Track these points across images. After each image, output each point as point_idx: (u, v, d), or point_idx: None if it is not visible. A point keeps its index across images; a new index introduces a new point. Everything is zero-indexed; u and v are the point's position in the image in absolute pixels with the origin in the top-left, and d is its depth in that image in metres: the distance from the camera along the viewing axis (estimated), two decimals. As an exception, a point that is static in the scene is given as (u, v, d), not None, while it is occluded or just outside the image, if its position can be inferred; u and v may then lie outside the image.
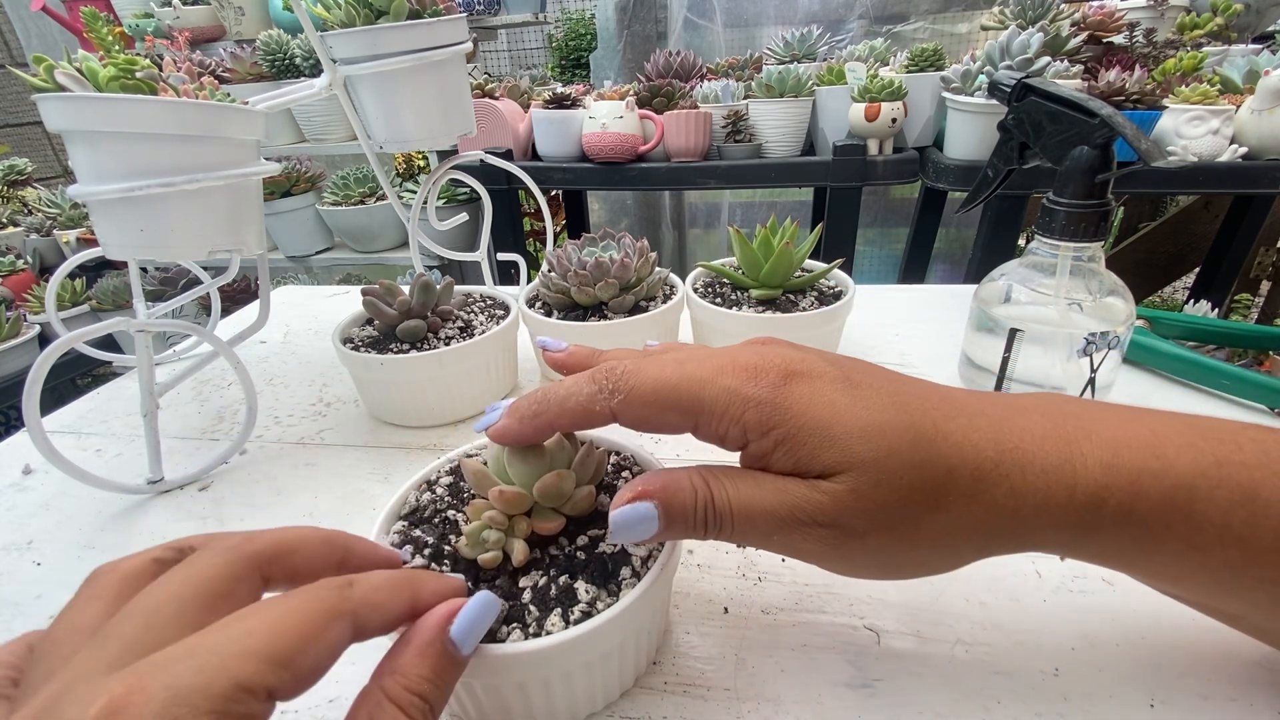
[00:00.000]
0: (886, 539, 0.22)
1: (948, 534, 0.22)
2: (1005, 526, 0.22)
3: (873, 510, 0.22)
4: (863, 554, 0.22)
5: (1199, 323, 0.54)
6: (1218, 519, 0.21)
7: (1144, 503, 0.21)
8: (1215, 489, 0.21)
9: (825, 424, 0.22)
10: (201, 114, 0.37)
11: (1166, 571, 0.23)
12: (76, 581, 0.20)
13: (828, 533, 0.22)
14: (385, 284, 0.49)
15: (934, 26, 1.72)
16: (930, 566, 0.23)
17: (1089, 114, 0.37)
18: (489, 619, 0.21)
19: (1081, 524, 0.22)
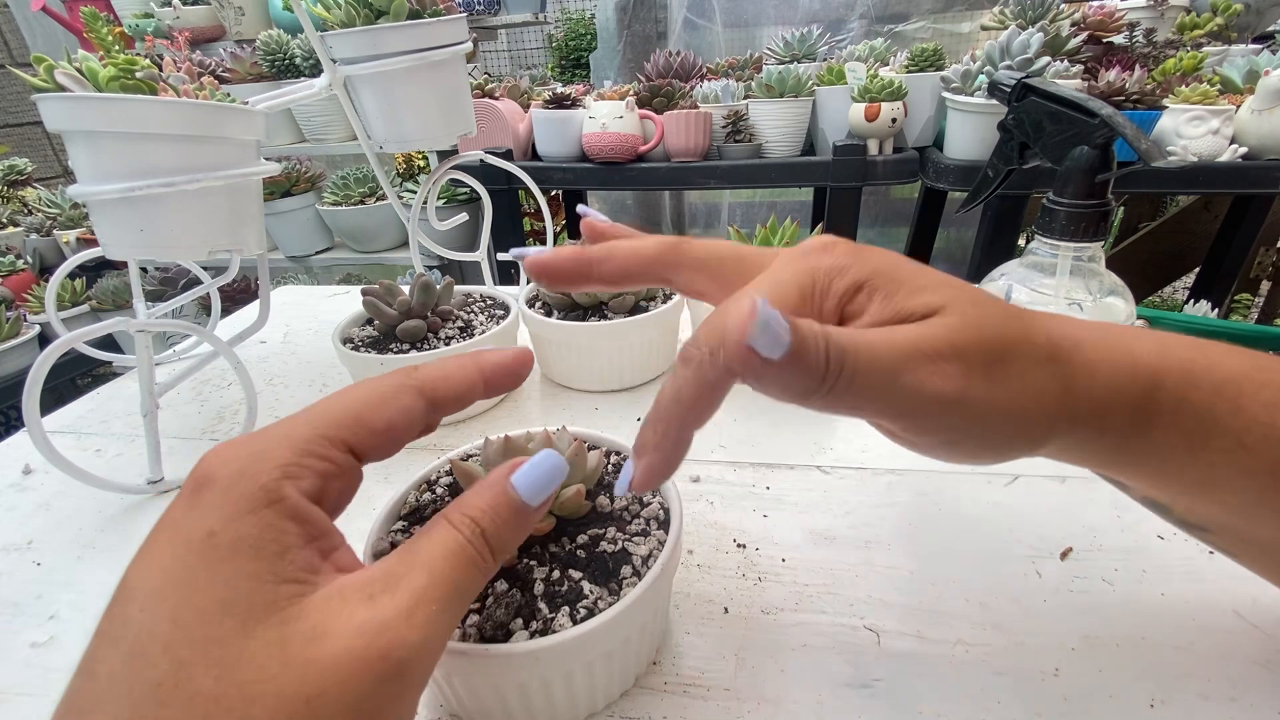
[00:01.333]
0: (1004, 382, 0.21)
1: (1047, 388, 0.21)
2: (1086, 393, 0.22)
3: (990, 344, 0.21)
4: (987, 405, 0.21)
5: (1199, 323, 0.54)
6: (1264, 416, 0.21)
7: (1196, 392, 0.22)
8: (1260, 388, 0.22)
9: (911, 274, 0.22)
10: (201, 114, 0.37)
11: (1214, 475, 0.22)
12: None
13: (954, 367, 0.20)
14: (385, 284, 0.49)
15: (935, 26, 1.72)
16: (1034, 426, 0.22)
17: (1089, 114, 0.37)
18: (551, 474, 0.21)
19: (1143, 405, 0.22)
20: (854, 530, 0.36)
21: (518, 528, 0.21)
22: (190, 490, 0.18)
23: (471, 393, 0.23)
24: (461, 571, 0.19)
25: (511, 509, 0.21)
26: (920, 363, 0.20)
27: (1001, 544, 0.35)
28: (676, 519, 0.27)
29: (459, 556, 0.19)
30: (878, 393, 0.20)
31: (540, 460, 0.21)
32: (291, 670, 0.16)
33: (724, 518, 0.38)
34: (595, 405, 0.50)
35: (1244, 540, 0.25)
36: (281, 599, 0.17)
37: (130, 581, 0.17)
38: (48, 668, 0.31)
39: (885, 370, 0.19)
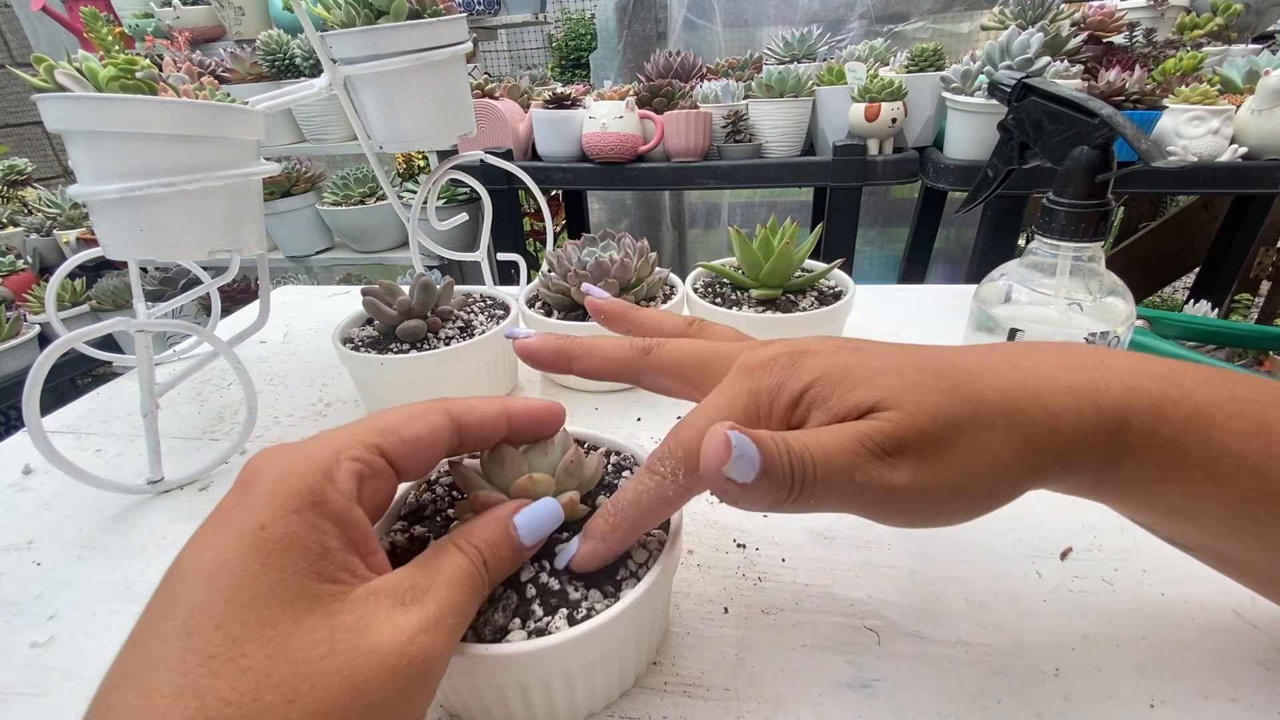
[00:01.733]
0: (952, 461, 0.22)
1: (1002, 451, 0.22)
2: (1048, 445, 0.22)
3: (929, 430, 0.22)
4: (941, 486, 0.22)
5: (1199, 323, 0.54)
6: (1235, 448, 0.22)
7: (1166, 426, 0.22)
8: (1231, 419, 0.22)
9: (847, 371, 0.23)
10: (201, 114, 0.37)
11: (1186, 503, 0.23)
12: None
13: (906, 462, 0.21)
14: (385, 284, 0.49)
15: (935, 26, 1.72)
16: (997, 491, 0.23)
17: (1089, 114, 0.37)
18: (548, 521, 0.24)
19: (1111, 444, 0.22)
20: (854, 530, 0.36)
21: (511, 563, 0.24)
22: (240, 486, 0.20)
23: (495, 425, 0.25)
24: (470, 592, 0.21)
25: (510, 546, 0.23)
26: (868, 460, 0.21)
27: (1001, 544, 0.35)
28: (676, 519, 0.27)
29: (470, 579, 0.21)
30: (837, 494, 0.21)
31: (540, 507, 0.24)
32: (340, 655, 0.17)
33: (724, 518, 0.38)
34: (595, 405, 0.50)
35: (1224, 559, 0.26)
36: (325, 595, 0.18)
37: (183, 563, 0.19)
38: (47, 668, 0.31)
39: (840, 472, 0.21)
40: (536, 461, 0.27)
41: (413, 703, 0.19)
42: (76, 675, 0.31)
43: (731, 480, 0.20)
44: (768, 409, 0.23)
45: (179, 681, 0.16)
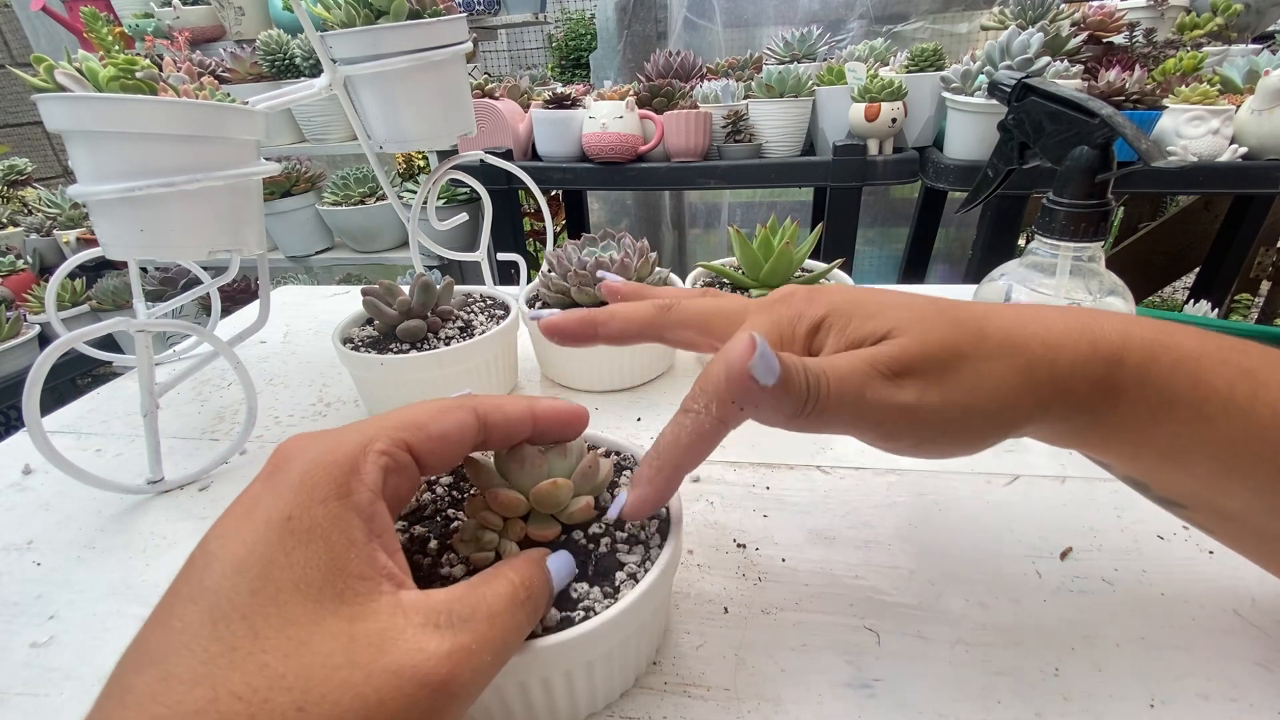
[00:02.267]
0: (957, 384, 0.23)
1: (1003, 382, 0.24)
2: (1048, 377, 0.24)
3: (935, 354, 0.23)
4: (945, 406, 0.23)
5: (1199, 323, 0.54)
6: (1223, 389, 0.23)
7: (1158, 367, 0.24)
8: (1220, 365, 0.23)
9: (860, 303, 0.25)
10: (201, 114, 0.37)
11: (1178, 445, 0.24)
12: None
13: (908, 380, 0.23)
14: (385, 284, 0.49)
15: (934, 26, 1.72)
16: (1000, 417, 0.24)
17: (1089, 114, 0.37)
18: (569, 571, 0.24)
19: (1106, 381, 0.24)
20: (854, 530, 0.36)
21: (544, 605, 0.23)
22: (268, 472, 0.20)
23: (521, 425, 0.25)
24: (511, 629, 0.20)
25: (546, 587, 0.23)
26: (878, 380, 0.23)
27: (1001, 544, 0.35)
28: (677, 519, 0.27)
29: (519, 611, 0.21)
30: (848, 409, 0.23)
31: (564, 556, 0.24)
32: (357, 669, 0.17)
33: (724, 518, 0.38)
34: (595, 405, 0.50)
35: (1218, 514, 0.26)
36: (349, 594, 0.18)
37: (210, 548, 0.18)
38: (48, 668, 0.31)
39: (852, 390, 0.23)
40: (555, 464, 0.27)
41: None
42: (76, 675, 0.31)
43: (754, 381, 0.21)
44: (790, 336, 0.25)
45: (198, 669, 0.16)
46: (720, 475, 0.41)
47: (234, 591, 0.17)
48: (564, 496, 0.26)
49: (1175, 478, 0.25)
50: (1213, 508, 0.26)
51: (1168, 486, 0.26)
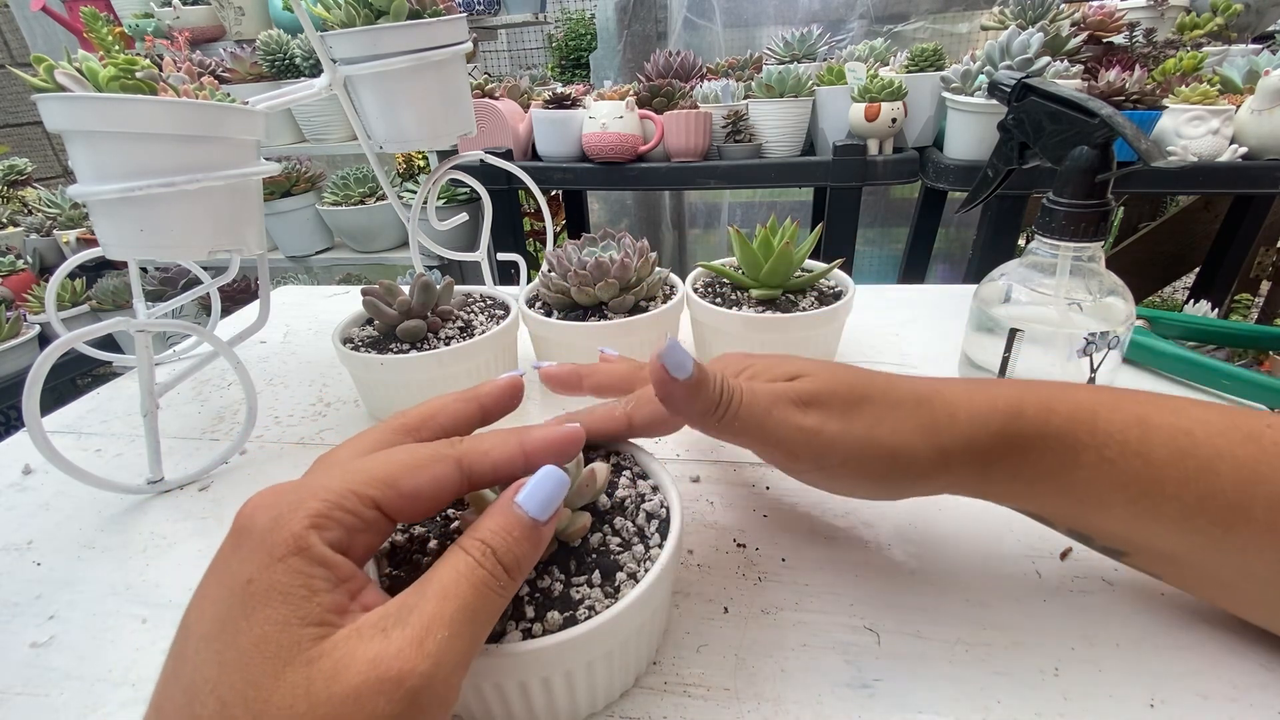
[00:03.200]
0: (857, 419, 0.26)
1: (904, 426, 0.26)
2: (947, 429, 0.27)
3: (840, 392, 0.27)
4: (843, 434, 0.26)
5: (1199, 323, 0.54)
6: (1118, 434, 0.26)
7: (1055, 417, 0.26)
8: (1113, 412, 0.26)
9: (779, 359, 0.29)
10: (201, 114, 0.37)
11: (1091, 490, 0.26)
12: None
13: (817, 411, 0.26)
14: (385, 284, 0.49)
15: (934, 26, 1.72)
16: (898, 458, 0.26)
17: (1089, 114, 0.37)
18: (554, 490, 0.22)
19: (1007, 432, 0.26)
20: (854, 530, 0.36)
21: (531, 544, 0.22)
22: (233, 536, 0.20)
23: (510, 469, 0.24)
24: (473, 593, 0.20)
25: (522, 527, 0.22)
26: (785, 403, 0.26)
27: (1001, 544, 0.35)
28: (677, 519, 0.27)
29: (469, 579, 0.20)
30: (755, 422, 0.26)
31: (541, 478, 0.22)
32: (317, 708, 0.17)
33: (724, 518, 0.38)
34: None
35: (1155, 557, 0.27)
36: (306, 640, 0.18)
37: (189, 622, 0.19)
38: (47, 668, 0.31)
39: (760, 406, 0.26)
40: None
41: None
42: (76, 675, 0.31)
43: (667, 372, 0.24)
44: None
45: None
46: (720, 475, 0.41)
47: (205, 665, 0.18)
48: (562, 523, 0.26)
49: (1103, 523, 0.27)
50: (1147, 550, 0.27)
51: (1103, 534, 0.28)
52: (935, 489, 0.28)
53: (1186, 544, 0.26)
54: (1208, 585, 0.27)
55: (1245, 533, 0.24)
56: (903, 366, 0.54)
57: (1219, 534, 0.25)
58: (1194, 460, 0.25)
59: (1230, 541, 0.25)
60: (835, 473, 0.27)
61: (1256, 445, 0.24)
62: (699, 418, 0.26)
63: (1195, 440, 0.25)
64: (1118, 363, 0.42)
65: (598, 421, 0.30)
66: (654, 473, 0.31)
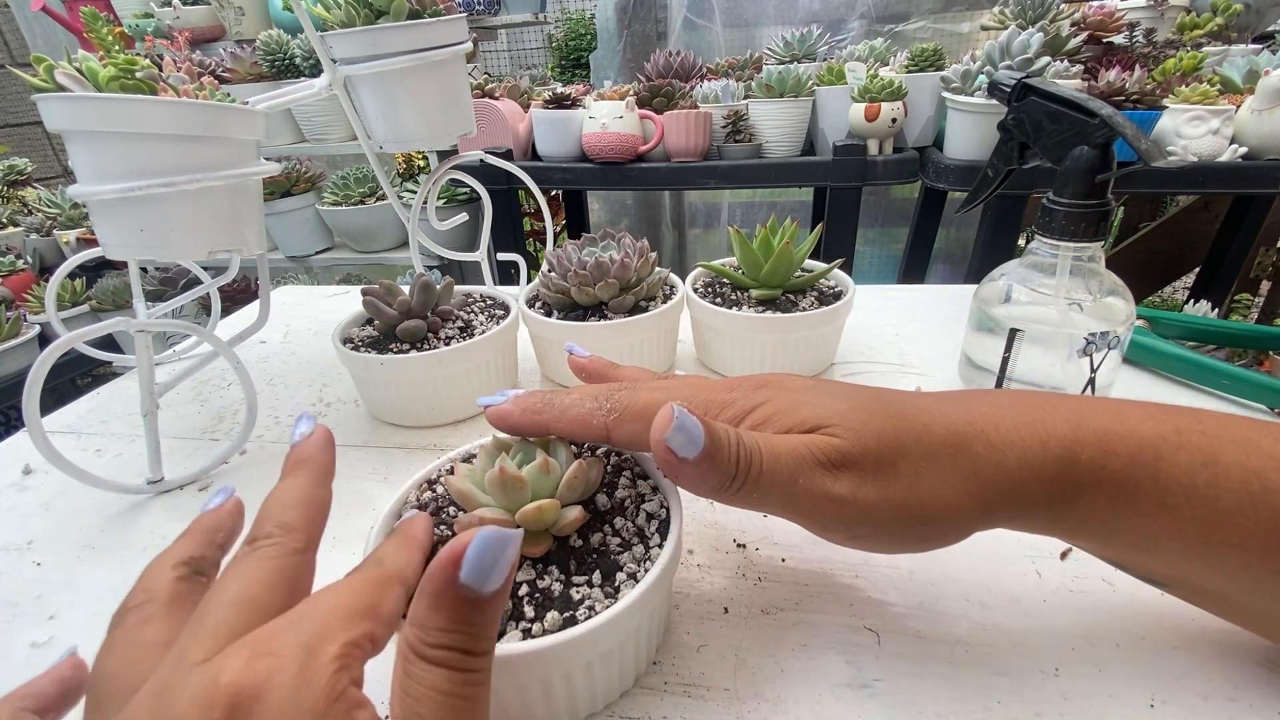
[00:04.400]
0: (893, 482, 0.23)
1: (945, 483, 0.23)
2: (993, 479, 0.23)
3: (874, 449, 0.23)
4: (879, 503, 0.23)
5: (1199, 323, 0.54)
6: (1183, 479, 0.22)
7: (1114, 460, 0.23)
8: (1177, 451, 0.23)
9: (800, 396, 0.25)
10: (201, 114, 0.37)
11: (1144, 536, 0.23)
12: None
13: (850, 476, 0.23)
14: (385, 284, 0.49)
15: (935, 26, 1.72)
16: (940, 519, 0.23)
17: (1089, 114, 0.37)
18: (502, 551, 0.18)
19: (1061, 480, 0.23)
20: (854, 530, 0.36)
21: (492, 614, 0.19)
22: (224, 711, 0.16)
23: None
24: (461, 707, 0.18)
25: (482, 609, 0.18)
26: (812, 467, 0.22)
27: (1001, 544, 0.34)
28: (677, 519, 0.27)
29: (448, 696, 0.18)
30: (779, 492, 0.22)
31: (479, 544, 0.18)
32: None
33: (724, 518, 0.38)
34: (595, 405, 0.50)
35: (1199, 593, 0.26)
36: None
37: None
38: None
39: (785, 472, 0.22)
40: (539, 484, 0.26)
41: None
42: (76, 675, 0.31)
43: (674, 455, 0.21)
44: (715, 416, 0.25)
45: None
46: (720, 475, 0.41)
47: None
48: (550, 517, 0.26)
49: (1148, 563, 0.25)
50: (1191, 587, 0.26)
51: (1144, 570, 0.26)
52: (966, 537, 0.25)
53: (1241, 589, 0.24)
54: (1255, 621, 0.26)
55: None
56: (903, 366, 0.54)
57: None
58: (1266, 509, 0.22)
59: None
60: (867, 541, 0.24)
61: None
62: (714, 493, 0.22)
63: (1267, 486, 0.22)
64: (1118, 363, 0.42)
65: (571, 425, 0.27)
66: (654, 473, 0.31)
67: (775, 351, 0.49)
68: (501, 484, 0.25)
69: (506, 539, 0.19)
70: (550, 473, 0.27)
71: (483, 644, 0.19)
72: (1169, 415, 0.24)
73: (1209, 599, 0.26)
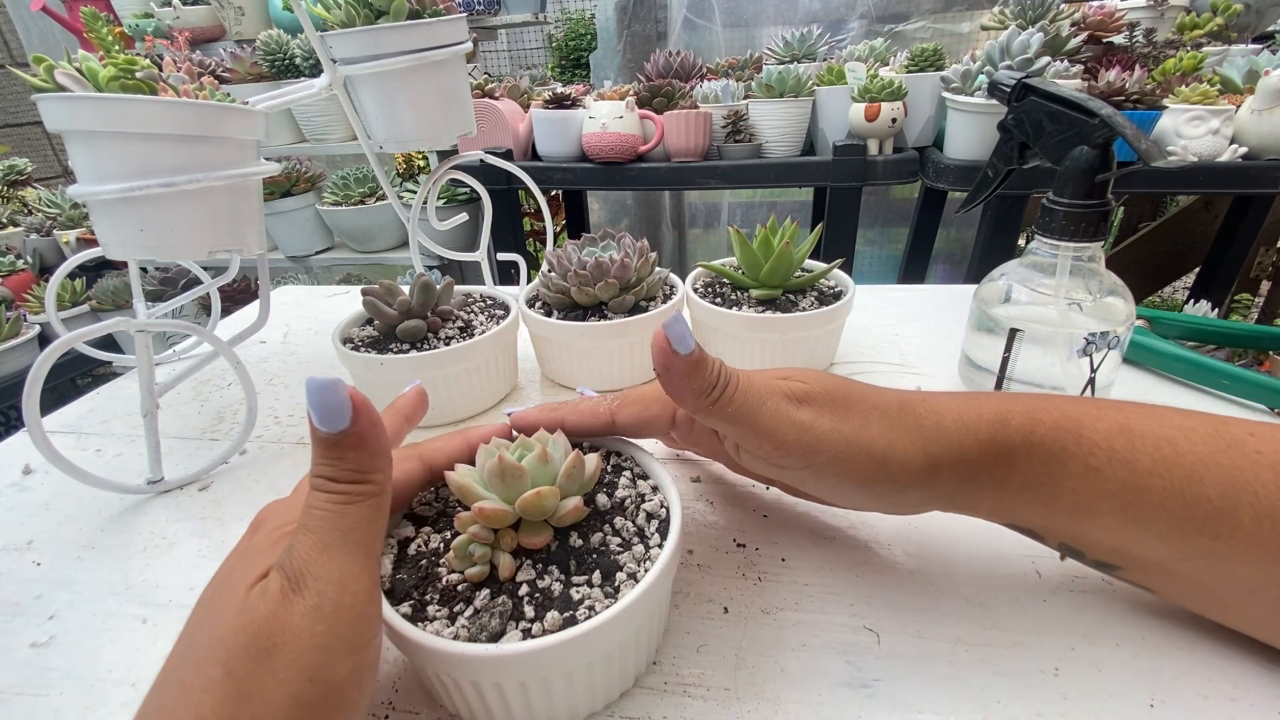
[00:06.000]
0: (847, 419, 0.27)
1: (892, 430, 0.27)
2: (935, 436, 0.27)
3: (833, 394, 0.27)
4: (833, 432, 0.26)
5: (1199, 323, 0.54)
6: (1103, 443, 0.26)
7: (1040, 427, 0.27)
8: (1097, 421, 0.26)
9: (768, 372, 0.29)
10: (201, 114, 0.37)
11: (1079, 500, 0.26)
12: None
13: (810, 408, 0.27)
14: (385, 284, 0.49)
15: (935, 26, 1.72)
16: (889, 463, 0.26)
17: (1089, 114, 0.37)
18: (327, 392, 0.22)
19: (995, 442, 0.27)
20: (854, 530, 0.36)
21: (356, 452, 0.23)
22: (249, 533, 0.26)
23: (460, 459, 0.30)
24: (335, 519, 0.22)
25: (337, 445, 0.23)
26: (780, 398, 0.27)
27: (1001, 544, 0.35)
28: (677, 519, 0.27)
29: (322, 510, 0.23)
30: (748, 411, 0.26)
31: (310, 394, 0.22)
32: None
33: (724, 518, 0.38)
34: (595, 405, 0.50)
35: (1144, 569, 0.27)
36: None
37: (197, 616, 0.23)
38: (47, 668, 0.31)
39: (755, 396, 0.26)
40: (538, 473, 0.27)
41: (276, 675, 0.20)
42: (76, 675, 0.31)
43: (669, 344, 0.25)
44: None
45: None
46: (720, 475, 0.41)
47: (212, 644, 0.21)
48: (550, 504, 0.26)
49: (1093, 534, 0.27)
50: (1137, 562, 0.27)
51: (1094, 547, 0.28)
52: (924, 500, 0.28)
53: (1175, 554, 0.26)
54: (1199, 596, 0.27)
55: (1232, 541, 0.24)
56: (903, 367, 0.54)
57: (1206, 543, 0.25)
58: (1179, 469, 0.25)
59: (1218, 550, 0.25)
60: (823, 471, 0.27)
61: (1239, 453, 0.24)
62: (693, 398, 0.26)
63: (1179, 449, 0.25)
64: (1118, 363, 0.42)
65: (582, 416, 0.31)
66: (654, 473, 0.31)
67: (775, 351, 0.50)
68: (501, 474, 0.26)
69: (326, 383, 0.22)
70: (549, 463, 0.27)
71: (345, 473, 0.23)
72: (1089, 401, 0.28)
73: (1157, 577, 0.27)
